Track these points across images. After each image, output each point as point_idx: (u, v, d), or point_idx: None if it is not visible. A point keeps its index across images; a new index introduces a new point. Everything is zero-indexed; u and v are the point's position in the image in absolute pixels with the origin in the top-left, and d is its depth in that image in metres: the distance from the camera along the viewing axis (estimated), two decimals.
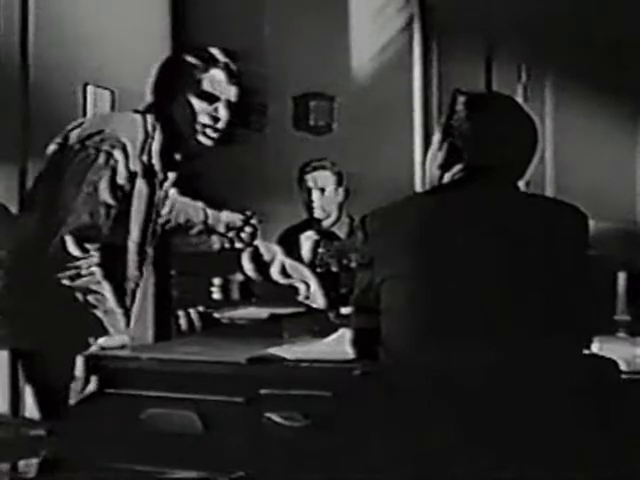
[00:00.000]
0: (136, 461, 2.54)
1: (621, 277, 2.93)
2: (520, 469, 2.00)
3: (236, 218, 3.30)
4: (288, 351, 2.57)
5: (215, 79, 2.96)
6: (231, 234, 3.29)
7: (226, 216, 3.33)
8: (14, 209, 3.51)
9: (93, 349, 2.71)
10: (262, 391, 2.46)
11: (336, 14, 5.10)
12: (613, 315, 2.89)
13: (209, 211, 3.32)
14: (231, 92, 2.99)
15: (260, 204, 4.27)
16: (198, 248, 3.41)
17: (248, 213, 3.35)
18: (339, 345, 2.49)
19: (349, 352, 2.36)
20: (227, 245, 3.30)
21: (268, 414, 2.44)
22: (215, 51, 2.99)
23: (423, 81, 5.06)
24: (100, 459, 2.58)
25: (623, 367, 2.19)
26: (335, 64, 5.09)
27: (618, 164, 4.73)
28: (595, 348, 2.25)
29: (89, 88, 4.50)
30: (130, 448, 2.56)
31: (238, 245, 3.30)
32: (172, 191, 3.13)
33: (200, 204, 3.31)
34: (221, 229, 3.31)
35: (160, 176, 2.98)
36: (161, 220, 3.09)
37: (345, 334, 2.45)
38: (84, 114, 4.47)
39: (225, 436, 2.48)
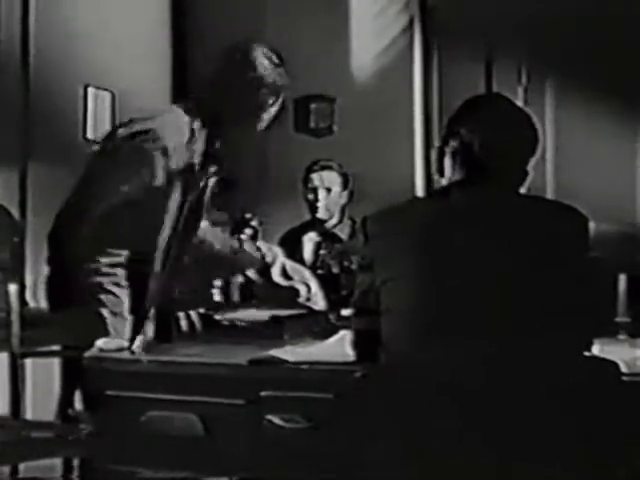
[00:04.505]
0: (137, 464, 2.54)
1: (621, 279, 2.93)
2: (520, 468, 2.00)
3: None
4: (289, 353, 2.57)
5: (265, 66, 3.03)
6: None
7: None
8: (14, 210, 3.51)
9: (93, 351, 2.70)
10: (263, 393, 2.46)
11: (337, 16, 5.11)
12: (613, 317, 2.89)
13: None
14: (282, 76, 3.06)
15: (261, 206, 4.28)
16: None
17: (249, 215, 3.34)
18: (340, 347, 2.49)
19: (350, 354, 2.36)
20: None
21: (269, 416, 2.44)
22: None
23: (423, 83, 5.06)
24: (101, 462, 2.58)
25: (623, 369, 2.19)
26: (336, 66, 5.09)
27: (618, 166, 4.73)
28: (596, 350, 2.25)
29: (90, 90, 4.51)
30: (131, 450, 2.56)
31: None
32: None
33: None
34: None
35: (199, 175, 2.96)
36: None
37: (346, 336, 2.45)
38: (84, 115, 4.48)
39: (226, 438, 2.48)
